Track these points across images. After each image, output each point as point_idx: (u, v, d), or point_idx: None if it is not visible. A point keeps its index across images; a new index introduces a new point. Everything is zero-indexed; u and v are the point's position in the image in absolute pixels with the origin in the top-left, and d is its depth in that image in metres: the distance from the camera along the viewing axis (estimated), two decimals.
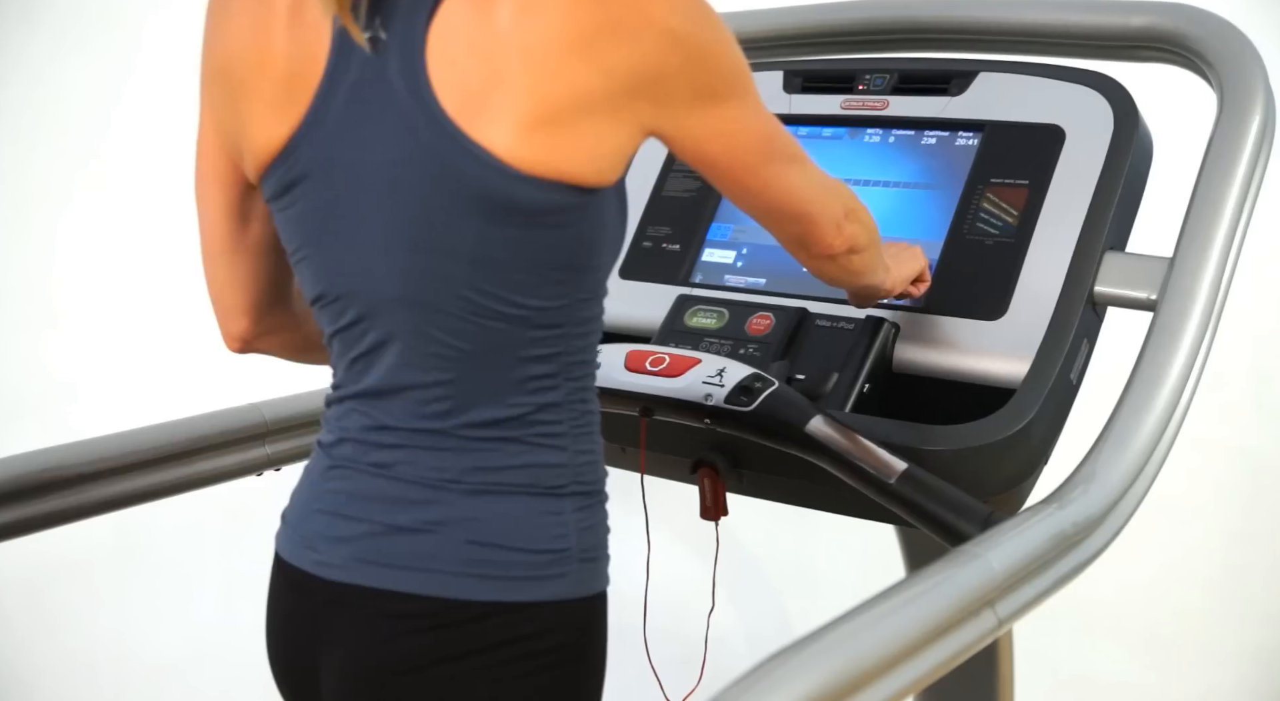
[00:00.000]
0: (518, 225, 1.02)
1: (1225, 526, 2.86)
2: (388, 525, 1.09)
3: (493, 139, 0.99)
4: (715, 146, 1.08)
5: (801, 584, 2.89)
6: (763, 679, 0.85)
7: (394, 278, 1.06)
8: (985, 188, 1.48)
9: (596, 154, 1.02)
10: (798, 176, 1.14)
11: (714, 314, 1.54)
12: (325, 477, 1.15)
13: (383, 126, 1.04)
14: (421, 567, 1.07)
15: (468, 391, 1.07)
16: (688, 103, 1.04)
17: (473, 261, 1.03)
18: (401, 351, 1.08)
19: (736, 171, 1.11)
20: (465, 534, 1.07)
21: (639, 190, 1.70)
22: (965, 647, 1.05)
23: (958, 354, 1.40)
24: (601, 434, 1.14)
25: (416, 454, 1.09)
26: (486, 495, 1.08)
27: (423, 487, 1.08)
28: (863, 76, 1.63)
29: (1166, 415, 1.29)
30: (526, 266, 1.04)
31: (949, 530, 1.22)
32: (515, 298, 1.05)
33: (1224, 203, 1.37)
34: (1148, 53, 1.52)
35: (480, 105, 0.99)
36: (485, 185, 1.00)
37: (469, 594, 1.07)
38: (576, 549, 1.10)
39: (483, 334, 1.06)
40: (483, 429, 1.08)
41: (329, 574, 1.12)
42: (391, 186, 1.04)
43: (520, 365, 1.07)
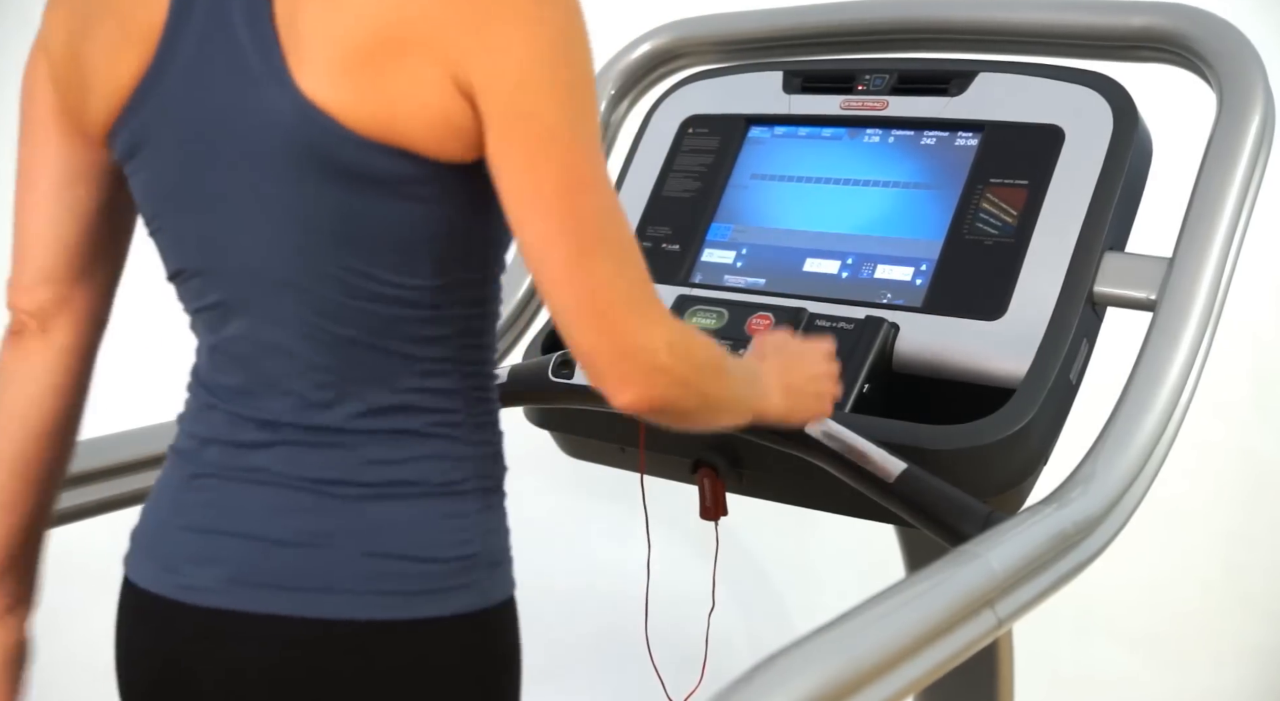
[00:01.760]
0: (374, 196, 0.94)
1: (1225, 527, 2.86)
2: (269, 540, 0.97)
3: (320, 91, 0.91)
4: (516, 148, 0.92)
5: (802, 584, 2.88)
6: (763, 678, 0.85)
7: (256, 254, 0.97)
8: (985, 188, 1.48)
9: (423, 116, 0.92)
10: (601, 264, 0.93)
11: (713, 314, 1.54)
12: (187, 488, 1.02)
13: (229, 82, 0.95)
14: (312, 587, 0.96)
15: (351, 379, 0.98)
16: (509, 79, 0.91)
17: (336, 236, 0.95)
18: (275, 337, 0.98)
19: (527, 203, 0.93)
20: (360, 545, 0.96)
21: (639, 190, 1.70)
22: (965, 647, 1.05)
23: (958, 354, 1.40)
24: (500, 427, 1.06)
25: (297, 452, 0.98)
26: (380, 500, 0.97)
27: (307, 493, 0.97)
28: (862, 76, 1.63)
29: (1166, 415, 1.29)
30: (396, 241, 0.96)
31: (949, 530, 1.22)
32: (389, 276, 0.96)
33: (1224, 203, 1.37)
34: (1148, 53, 1.52)
35: (307, 53, 0.92)
36: (325, 148, 0.92)
37: (369, 613, 0.96)
38: (483, 553, 1.01)
39: (360, 316, 0.97)
40: (370, 419, 0.98)
41: (197, 598, 0.98)
42: (243, 150, 0.95)
43: (404, 349, 0.98)
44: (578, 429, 1.63)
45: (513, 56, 0.91)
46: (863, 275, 1.52)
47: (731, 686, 0.84)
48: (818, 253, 1.56)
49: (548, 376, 1.47)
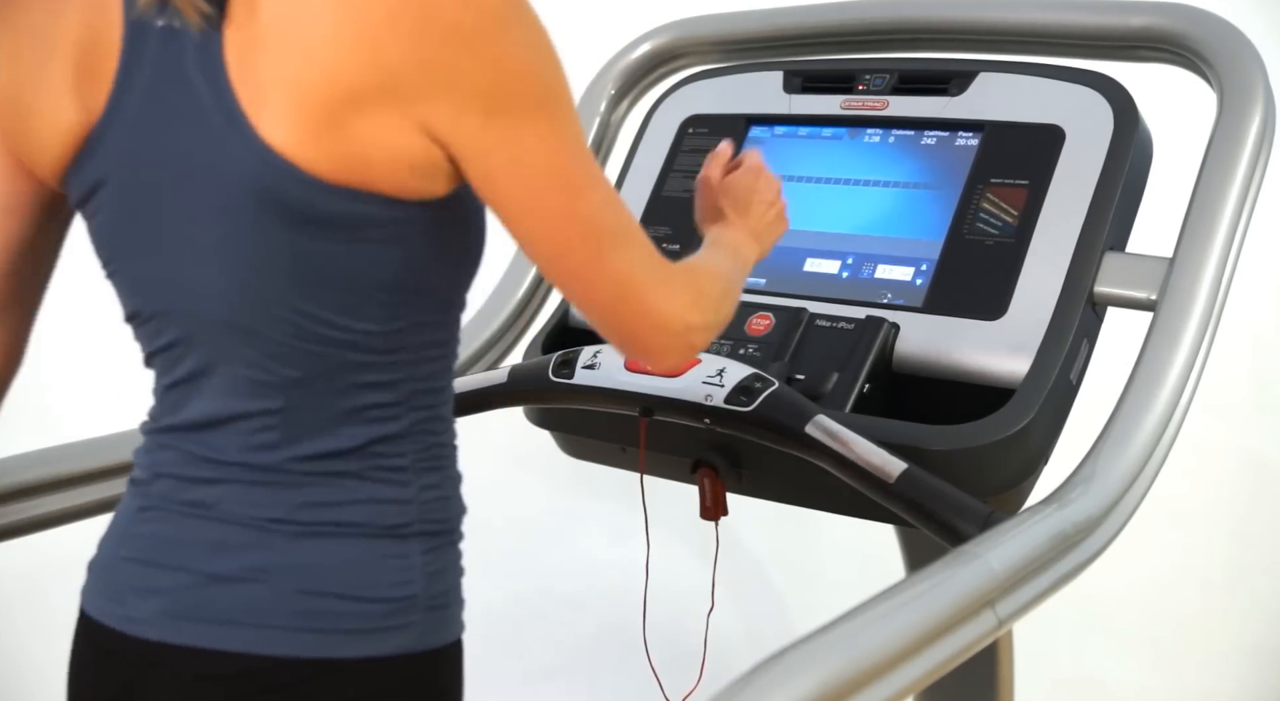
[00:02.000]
0: (331, 239, 0.93)
1: (1225, 527, 2.86)
2: (206, 574, 0.97)
3: (279, 137, 0.90)
4: (506, 177, 0.93)
5: (802, 584, 2.88)
6: (763, 678, 0.85)
7: (210, 297, 0.96)
8: (985, 188, 1.48)
9: (387, 160, 0.91)
10: (616, 256, 0.96)
11: None
12: (136, 520, 1.02)
13: (183, 126, 0.94)
14: (246, 622, 0.95)
15: (297, 422, 0.97)
16: (477, 113, 0.91)
17: (291, 279, 0.94)
18: (223, 378, 0.98)
19: (530, 218, 0.94)
20: (295, 582, 0.96)
21: (639, 190, 1.70)
22: (965, 647, 1.05)
23: (958, 354, 1.40)
24: (458, 468, 1.06)
25: (240, 490, 0.97)
26: (319, 537, 0.96)
27: (247, 529, 0.97)
28: (863, 76, 1.63)
29: (1166, 415, 1.29)
30: (349, 286, 0.95)
31: (949, 530, 1.22)
32: (341, 320, 0.95)
33: (1224, 203, 1.37)
34: (1148, 53, 1.52)
35: (265, 99, 0.91)
36: (285, 193, 0.91)
37: (301, 651, 0.95)
38: (423, 596, 0.99)
39: (310, 359, 0.96)
40: (314, 462, 0.97)
41: (138, 630, 0.98)
42: (199, 195, 0.94)
43: (355, 393, 0.97)
44: (578, 429, 1.63)
45: (476, 93, 0.90)
46: (863, 275, 1.52)
47: (731, 686, 0.84)
48: (818, 252, 1.56)
49: (548, 376, 1.47)
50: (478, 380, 1.53)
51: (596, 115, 1.86)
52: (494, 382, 1.50)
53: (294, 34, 0.89)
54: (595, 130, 1.86)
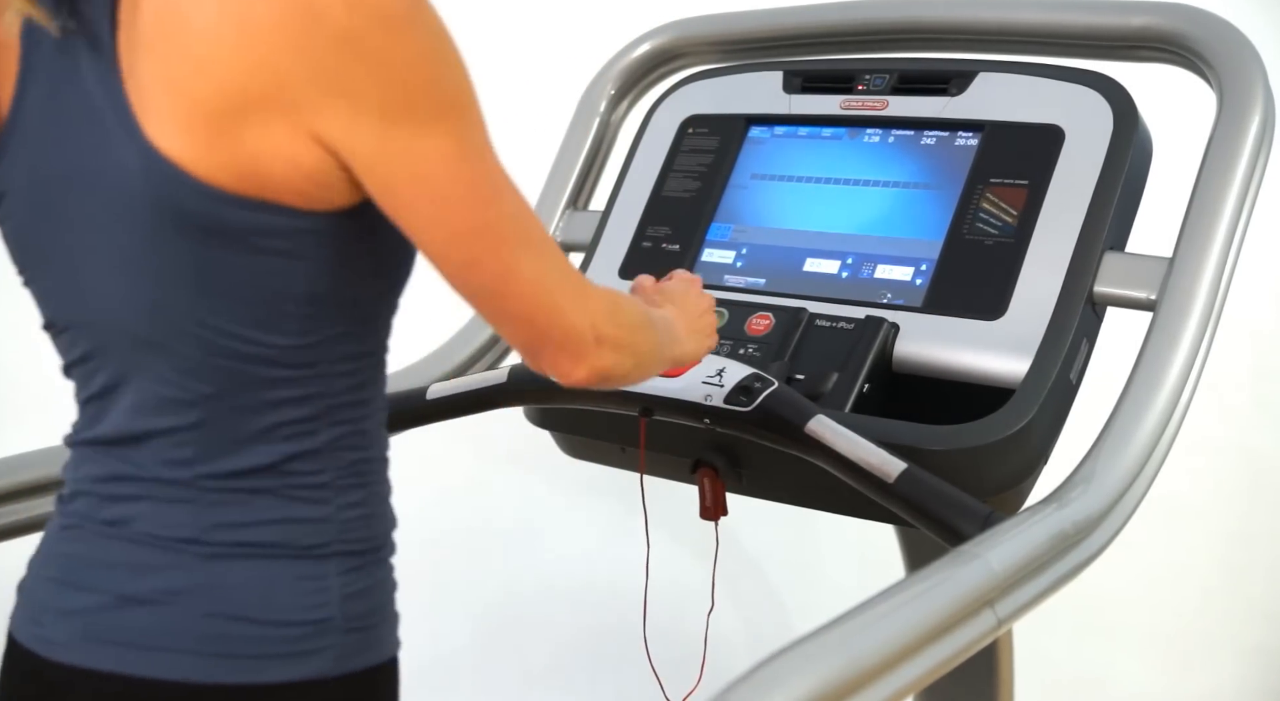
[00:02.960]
0: (232, 250, 0.90)
1: (1225, 527, 2.86)
2: (119, 595, 0.95)
3: (171, 145, 0.88)
4: (408, 189, 0.89)
5: (801, 584, 2.88)
6: (763, 678, 0.85)
7: (117, 310, 0.94)
8: (985, 188, 1.48)
9: (282, 169, 0.88)
10: (527, 265, 0.93)
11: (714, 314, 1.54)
12: (58, 539, 1.00)
13: (81, 134, 0.92)
14: (154, 646, 0.93)
15: (212, 439, 0.94)
16: (372, 121, 0.87)
17: (195, 291, 0.91)
18: (136, 392, 0.95)
19: (435, 230, 0.90)
20: (205, 605, 0.93)
21: (639, 190, 1.70)
22: (965, 647, 1.05)
23: (957, 354, 1.40)
24: (386, 485, 1.02)
25: (156, 508, 0.95)
26: (230, 559, 0.94)
27: (159, 550, 0.94)
28: (862, 76, 1.63)
29: (1166, 415, 1.29)
30: (256, 298, 0.91)
31: (949, 530, 1.22)
32: (251, 334, 0.92)
33: (1224, 203, 1.37)
34: (1148, 53, 1.52)
35: (156, 105, 0.88)
36: (180, 202, 0.88)
37: (208, 676, 0.92)
38: (341, 618, 0.96)
39: (221, 374, 0.93)
40: (227, 480, 0.94)
41: (54, 653, 0.96)
42: (99, 205, 0.92)
43: (269, 409, 0.94)
44: (578, 429, 1.63)
45: (369, 101, 0.86)
46: (863, 275, 1.52)
47: (731, 686, 0.84)
48: (818, 253, 1.56)
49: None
50: (478, 380, 1.53)
51: (596, 115, 1.86)
52: (494, 382, 1.50)
53: (180, 38, 0.87)
54: (595, 130, 1.86)
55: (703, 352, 1.25)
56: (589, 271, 1.68)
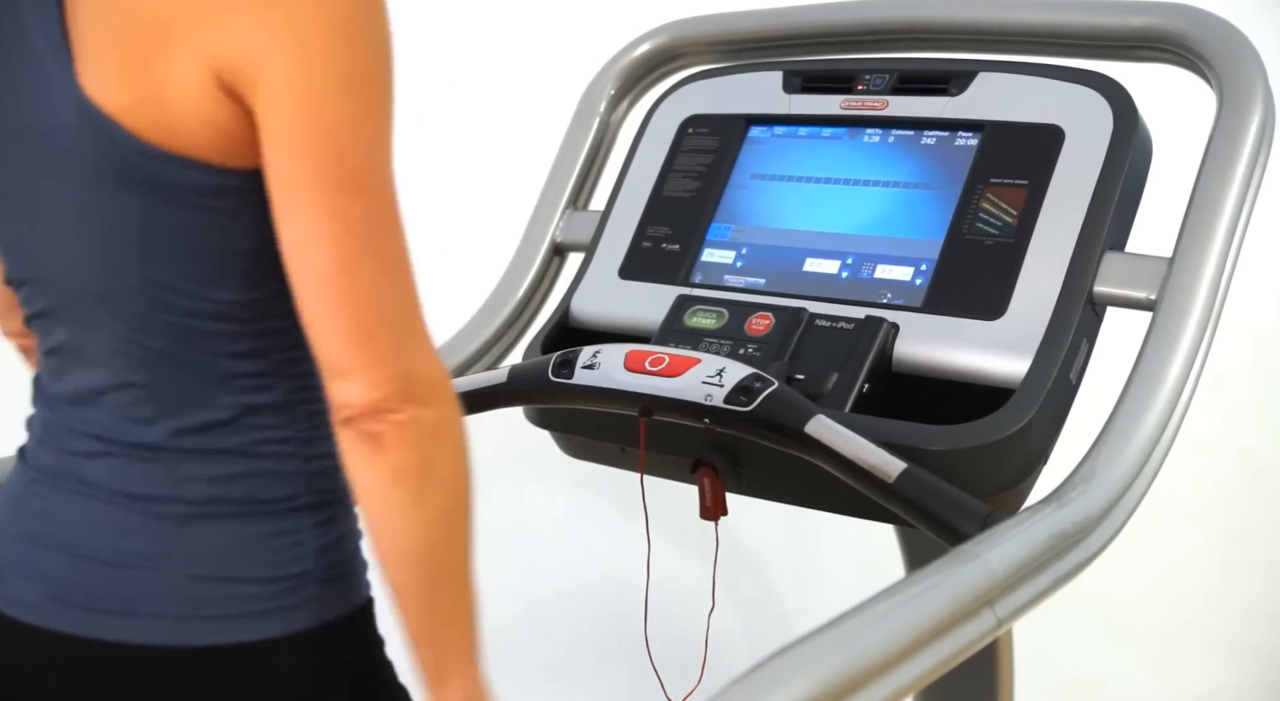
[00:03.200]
0: (170, 206, 0.89)
1: (1225, 527, 2.86)
2: (92, 557, 0.94)
3: (104, 94, 0.87)
4: (285, 148, 0.85)
5: (801, 584, 2.89)
6: (763, 678, 0.85)
7: (69, 265, 0.94)
8: (985, 188, 1.48)
9: (195, 118, 0.86)
10: (376, 277, 0.87)
11: (713, 314, 1.54)
12: (24, 495, 0.99)
13: (25, 89, 0.91)
14: (134, 611, 0.92)
15: (168, 394, 0.94)
16: (279, 64, 0.84)
17: (140, 247, 0.91)
18: (93, 348, 0.95)
19: (294, 203, 0.86)
20: (184, 568, 0.93)
21: (639, 190, 1.70)
22: (964, 647, 1.05)
23: (957, 354, 1.40)
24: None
25: (121, 466, 0.94)
26: (205, 520, 0.94)
27: (131, 511, 0.94)
28: (862, 76, 1.63)
29: (1166, 415, 1.29)
30: (199, 254, 0.91)
31: (948, 530, 1.22)
32: (195, 288, 0.92)
33: (1223, 203, 1.37)
34: (1148, 53, 1.52)
35: (91, 52, 0.87)
36: (118, 157, 0.88)
37: (194, 638, 0.92)
38: (317, 569, 0.96)
39: (173, 330, 0.93)
40: (191, 437, 0.94)
41: (22, 614, 0.95)
42: (47, 158, 0.92)
43: (221, 362, 0.94)
44: (578, 429, 1.63)
45: (284, 44, 0.84)
46: (863, 275, 1.52)
47: (731, 686, 0.84)
48: (818, 252, 1.56)
49: (547, 376, 1.47)
50: (478, 380, 1.53)
51: (596, 115, 1.86)
52: (494, 382, 1.50)
53: None
54: (595, 130, 1.86)
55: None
56: (589, 271, 1.69)
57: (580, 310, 1.66)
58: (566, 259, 1.84)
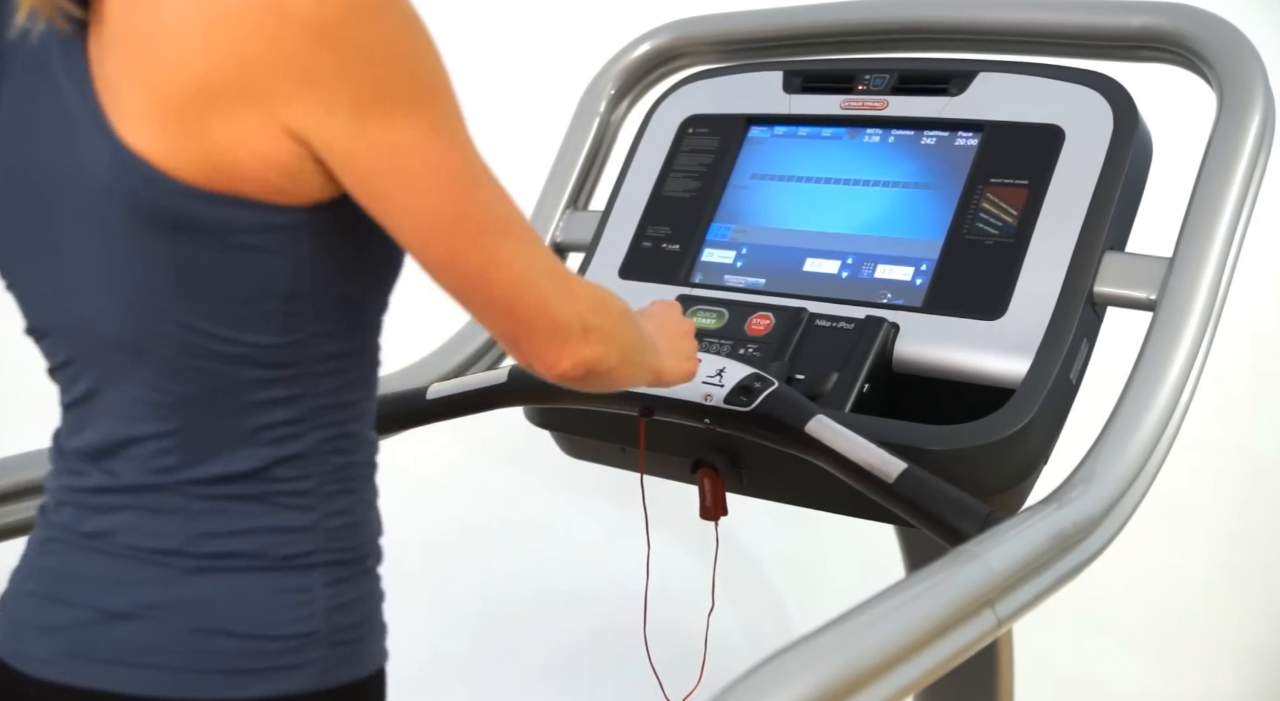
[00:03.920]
0: (207, 247, 0.88)
1: (1225, 526, 2.86)
2: (103, 611, 0.92)
3: (140, 140, 0.86)
4: (385, 180, 0.87)
5: (801, 584, 2.88)
6: (763, 678, 0.85)
7: (95, 313, 0.92)
8: (985, 187, 1.48)
9: (253, 164, 0.86)
10: (510, 253, 0.91)
11: (714, 314, 1.54)
12: (40, 552, 0.98)
13: (55, 133, 0.90)
14: (138, 662, 0.91)
15: (194, 443, 0.92)
16: (345, 113, 0.85)
17: (173, 291, 0.89)
18: (117, 398, 0.94)
19: (413, 221, 0.88)
20: (189, 620, 0.91)
21: (639, 190, 1.70)
22: (965, 647, 1.05)
23: (957, 354, 1.40)
24: (373, 495, 1.00)
25: (139, 519, 0.93)
26: (214, 572, 0.92)
27: (142, 563, 0.92)
28: (862, 76, 1.63)
29: (1166, 415, 1.29)
30: (233, 296, 0.90)
31: (948, 530, 1.22)
32: (230, 333, 0.90)
33: (1224, 203, 1.37)
34: (1148, 53, 1.52)
35: (125, 101, 0.87)
36: (151, 199, 0.87)
37: (192, 692, 0.91)
38: (325, 631, 0.94)
39: (202, 376, 0.91)
40: (212, 486, 0.92)
41: (36, 670, 0.94)
42: (75, 206, 0.90)
43: (251, 411, 0.92)
44: (578, 429, 1.63)
45: (341, 92, 0.85)
46: (863, 275, 1.52)
47: (730, 686, 0.84)
48: (818, 252, 1.56)
49: None
50: (478, 380, 1.53)
51: (596, 115, 1.86)
52: (494, 382, 1.50)
53: (147, 31, 0.86)
54: (595, 130, 1.86)
55: (680, 375, 1.21)
56: (589, 271, 1.68)
57: None
58: (566, 259, 1.84)
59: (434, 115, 0.88)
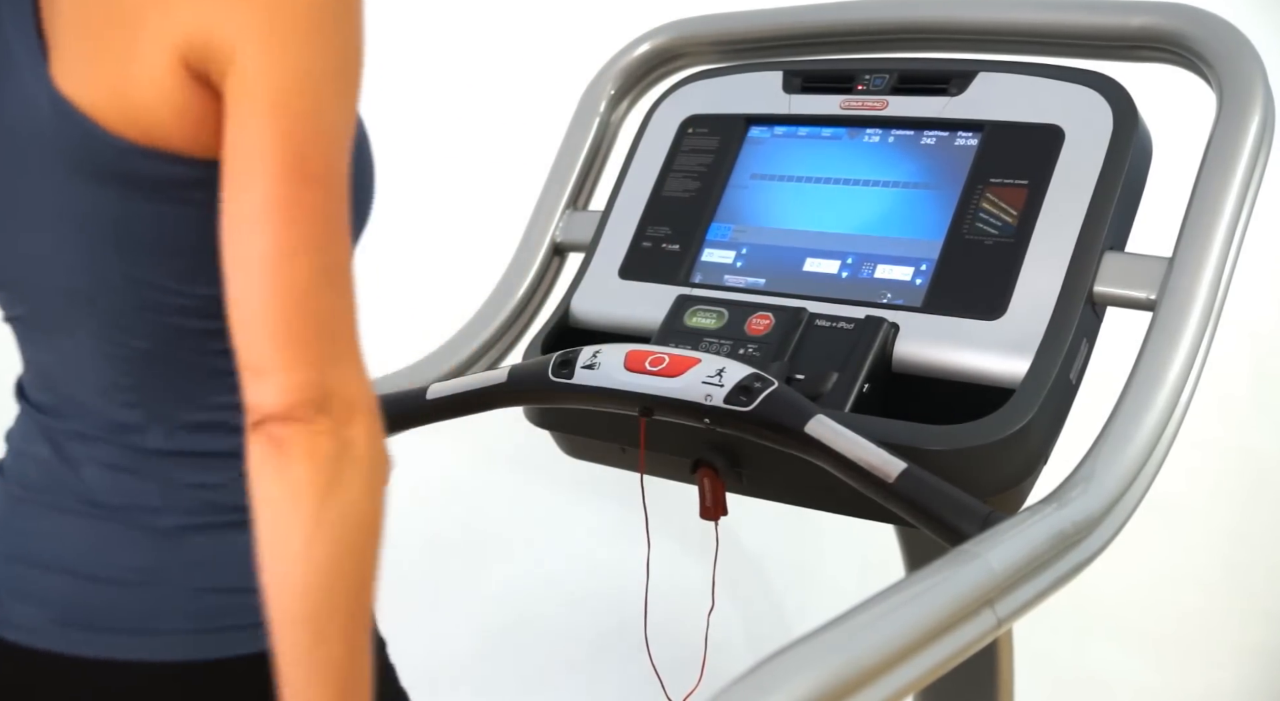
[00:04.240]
0: (147, 200, 0.87)
1: (1225, 526, 2.86)
2: (91, 576, 0.91)
3: (75, 89, 0.85)
4: (237, 124, 0.81)
5: (801, 584, 2.89)
6: (763, 679, 0.85)
7: (46, 265, 0.91)
8: (985, 188, 1.48)
9: (166, 107, 0.84)
10: (314, 276, 0.81)
11: (713, 314, 1.54)
12: (12, 514, 0.95)
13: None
14: (140, 628, 0.90)
15: (158, 395, 0.91)
16: (241, 34, 0.81)
17: (120, 244, 0.88)
18: (75, 352, 0.92)
19: (239, 176, 0.82)
20: (189, 581, 0.90)
21: (639, 190, 1.70)
22: (965, 647, 1.05)
23: (957, 354, 1.40)
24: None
25: (115, 477, 0.91)
26: (207, 530, 0.91)
27: (130, 526, 0.91)
28: (862, 76, 1.63)
29: (1166, 415, 1.29)
30: (182, 249, 0.88)
31: (948, 530, 1.22)
32: (181, 286, 0.89)
33: (1223, 203, 1.37)
34: (1148, 53, 1.52)
35: (65, 45, 0.85)
36: (89, 150, 0.86)
37: (205, 652, 0.90)
38: None
39: (156, 329, 0.90)
40: (182, 439, 0.91)
41: (20, 637, 0.92)
42: (18, 156, 0.89)
43: (209, 361, 0.91)
44: (578, 429, 1.63)
45: (253, 26, 0.81)
46: (863, 275, 1.52)
47: (731, 686, 0.84)
48: (818, 252, 1.56)
49: (547, 376, 1.47)
50: (478, 380, 1.53)
51: (596, 115, 1.86)
52: (494, 382, 1.50)
53: None
54: (595, 130, 1.86)
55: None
56: (589, 271, 1.69)
57: (580, 310, 1.66)
58: (566, 259, 1.84)
59: (331, 95, 0.83)
